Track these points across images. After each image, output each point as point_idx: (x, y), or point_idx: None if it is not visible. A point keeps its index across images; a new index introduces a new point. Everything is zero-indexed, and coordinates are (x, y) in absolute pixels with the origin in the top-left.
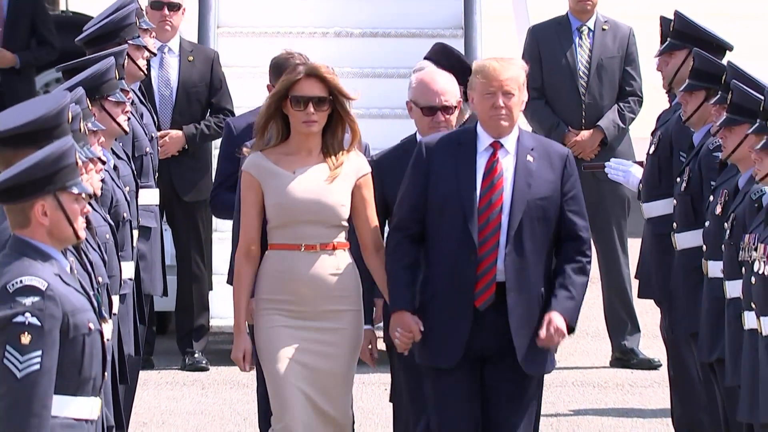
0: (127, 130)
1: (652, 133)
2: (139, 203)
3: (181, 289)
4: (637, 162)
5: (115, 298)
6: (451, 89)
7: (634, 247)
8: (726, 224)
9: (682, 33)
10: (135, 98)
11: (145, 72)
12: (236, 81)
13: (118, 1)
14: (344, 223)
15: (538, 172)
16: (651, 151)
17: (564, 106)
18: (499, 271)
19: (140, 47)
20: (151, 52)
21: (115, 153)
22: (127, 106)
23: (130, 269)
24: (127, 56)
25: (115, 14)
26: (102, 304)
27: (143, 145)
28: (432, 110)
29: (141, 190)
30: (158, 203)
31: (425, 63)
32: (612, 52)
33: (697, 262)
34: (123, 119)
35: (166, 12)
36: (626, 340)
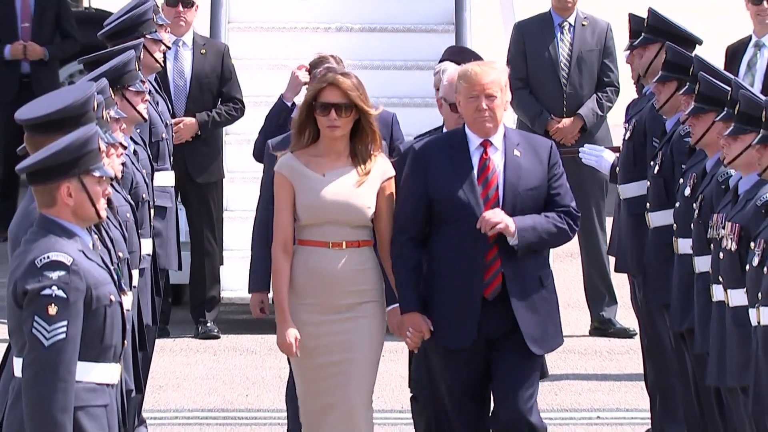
0: (147, 117)
1: (627, 121)
2: (155, 185)
3: (194, 264)
4: (614, 147)
5: (135, 272)
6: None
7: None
8: (695, 204)
9: (656, 28)
10: (151, 88)
11: (162, 64)
12: (245, 72)
13: None
14: (369, 224)
15: (526, 165)
16: (626, 137)
17: (547, 96)
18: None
19: (157, 41)
20: (166, 45)
21: (133, 139)
22: (146, 96)
23: (148, 245)
24: (144, 49)
25: (133, 11)
26: (122, 277)
27: (159, 131)
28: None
29: (157, 173)
30: (173, 185)
31: (447, 64)
32: (591, 45)
33: (669, 239)
34: (143, 107)
35: (181, 9)
36: (604, 311)
